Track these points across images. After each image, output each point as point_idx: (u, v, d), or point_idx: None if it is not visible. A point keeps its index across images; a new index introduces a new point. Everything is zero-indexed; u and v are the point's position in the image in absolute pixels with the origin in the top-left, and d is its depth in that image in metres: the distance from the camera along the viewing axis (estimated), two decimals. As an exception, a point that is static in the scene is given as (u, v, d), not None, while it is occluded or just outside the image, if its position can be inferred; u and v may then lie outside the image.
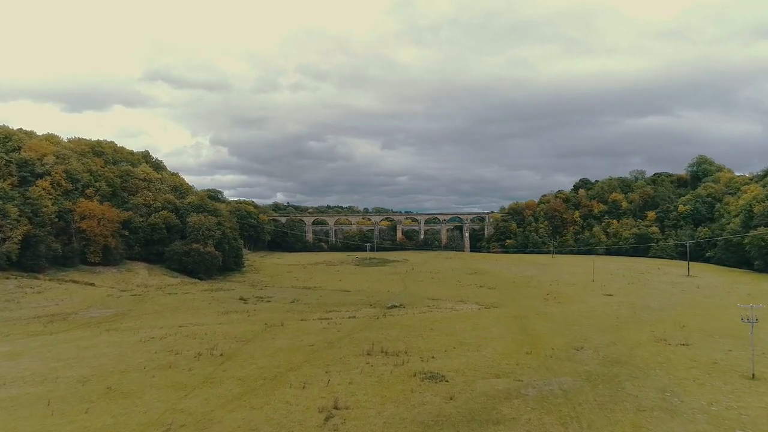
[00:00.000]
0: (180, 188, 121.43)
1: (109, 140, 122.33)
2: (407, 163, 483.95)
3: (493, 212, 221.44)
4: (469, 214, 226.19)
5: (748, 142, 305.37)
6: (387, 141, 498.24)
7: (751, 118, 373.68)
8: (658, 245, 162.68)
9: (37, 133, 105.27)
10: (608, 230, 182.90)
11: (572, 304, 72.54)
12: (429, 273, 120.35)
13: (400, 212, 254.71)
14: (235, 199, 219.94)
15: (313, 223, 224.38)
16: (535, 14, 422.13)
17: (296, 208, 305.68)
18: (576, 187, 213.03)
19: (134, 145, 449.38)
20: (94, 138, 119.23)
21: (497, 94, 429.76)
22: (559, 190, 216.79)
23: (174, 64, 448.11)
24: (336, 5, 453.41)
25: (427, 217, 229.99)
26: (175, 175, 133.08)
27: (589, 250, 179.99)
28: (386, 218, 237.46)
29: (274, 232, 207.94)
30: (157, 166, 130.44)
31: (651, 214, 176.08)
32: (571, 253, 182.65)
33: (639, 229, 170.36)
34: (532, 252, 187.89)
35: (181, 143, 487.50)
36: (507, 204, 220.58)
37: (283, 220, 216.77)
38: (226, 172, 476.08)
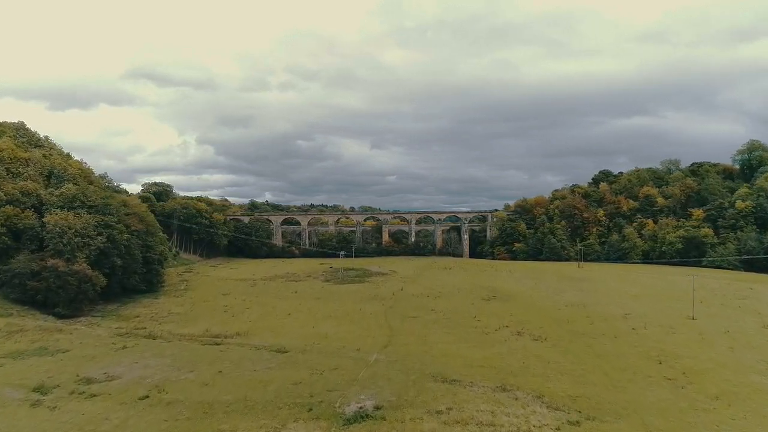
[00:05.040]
0: (60, 174, 79.19)
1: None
2: (396, 162, 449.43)
3: (497, 210, 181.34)
4: (468, 212, 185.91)
5: (733, 142, 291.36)
6: (376, 141, 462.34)
7: (733, 119, 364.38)
8: (715, 252, 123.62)
9: None
10: (642, 232, 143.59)
11: (754, 408, 32.45)
12: (426, 297, 79.65)
13: (388, 211, 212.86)
14: (190, 195, 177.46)
15: (283, 223, 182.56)
16: (518, 17, 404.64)
17: (276, 206, 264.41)
18: (596, 180, 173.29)
19: (121, 144, 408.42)
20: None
21: (483, 95, 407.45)
22: (574, 184, 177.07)
23: (159, 62, 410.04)
24: (323, 6, 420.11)
25: (418, 216, 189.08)
26: (65, 156, 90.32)
27: (622, 257, 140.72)
28: (371, 217, 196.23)
29: (236, 234, 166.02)
30: (36, 142, 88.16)
31: (698, 213, 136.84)
32: (599, 260, 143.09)
33: (686, 231, 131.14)
34: (548, 259, 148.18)
35: (167, 142, 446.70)
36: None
37: (246, 219, 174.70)
38: (214, 171, 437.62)
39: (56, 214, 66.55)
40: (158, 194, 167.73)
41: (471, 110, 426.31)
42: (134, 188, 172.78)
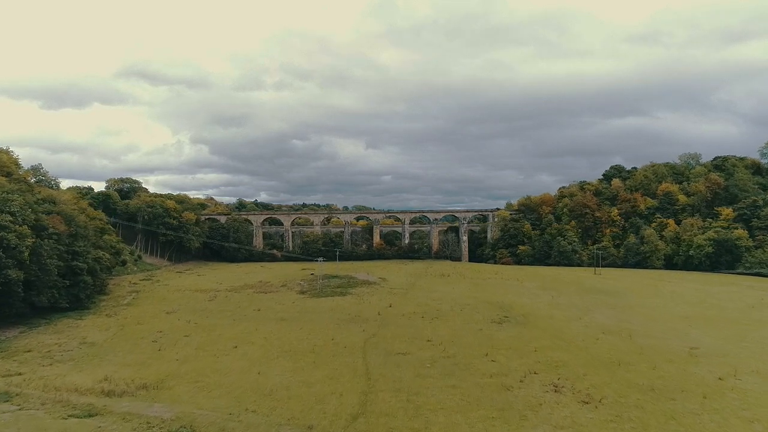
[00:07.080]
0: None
1: None
2: (391, 162, 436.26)
3: (498, 209, 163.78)
4: (467, 211, 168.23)
5: (726, 143, 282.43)
6: (371, 140, 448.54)
7: (726, 120, 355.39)
8: (753, 256, 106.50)
9: None
10: (663, 233, 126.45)
11: None
12: (420, 318, 62.08)
13: (381, 210, 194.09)
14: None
15: (265, 223, 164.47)
16: (512, 18, 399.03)
17: (266, 206, 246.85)
18: (607, 176, 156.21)
19: (115, 143, 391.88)
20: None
21: (477, 95, 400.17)
22: (583, 181, 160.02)
23: (153, 60, 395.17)
24: (318, 5, 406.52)
25: (412, 215, 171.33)
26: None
27: (641, 262, 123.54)
28: (362, 217, 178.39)
29: (211, 235, 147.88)
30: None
31: (727, 212, 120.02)
32: (615, 265, 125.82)
33: (716, 232, 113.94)
34: (557, 264, 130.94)
35: (162, 142, 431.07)
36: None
37: (223, 219, 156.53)
38: (209, 171, 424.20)
39: None
40: (124, 191, 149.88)
41: (465, 110, 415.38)
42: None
